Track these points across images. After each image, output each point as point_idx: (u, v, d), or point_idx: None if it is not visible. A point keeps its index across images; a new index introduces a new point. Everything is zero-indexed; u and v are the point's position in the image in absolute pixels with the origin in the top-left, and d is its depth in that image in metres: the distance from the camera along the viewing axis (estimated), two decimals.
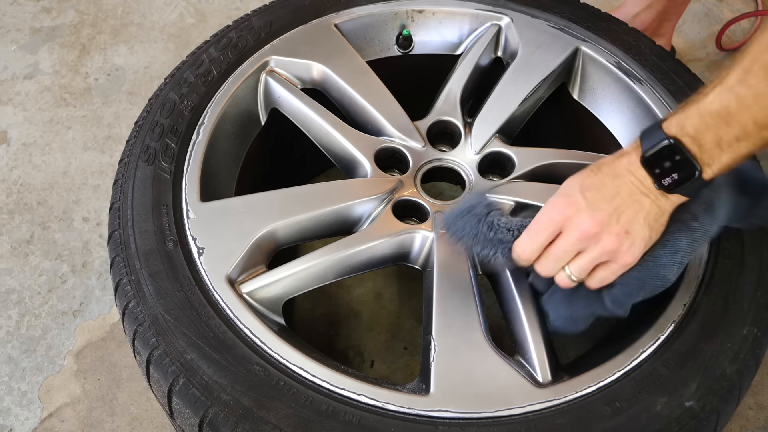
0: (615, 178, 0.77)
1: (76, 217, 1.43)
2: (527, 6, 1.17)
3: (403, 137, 1.06)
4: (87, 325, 1.29)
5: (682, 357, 0.83)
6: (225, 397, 0.78)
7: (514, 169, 1.04)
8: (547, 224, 0.80)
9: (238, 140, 1.10)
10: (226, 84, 1.07)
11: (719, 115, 0.70)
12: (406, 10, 1.17)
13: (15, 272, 1.35)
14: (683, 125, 0.73)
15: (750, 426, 1.17)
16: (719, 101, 0.70)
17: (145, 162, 0.98)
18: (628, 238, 0.76)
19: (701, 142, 0.72)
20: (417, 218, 1.01)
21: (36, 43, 1.73)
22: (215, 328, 0.84)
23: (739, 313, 0.87)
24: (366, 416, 0.78)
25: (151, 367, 0.83)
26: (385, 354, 1.24)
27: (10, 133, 1.56)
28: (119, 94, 1.63)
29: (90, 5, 1.80)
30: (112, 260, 0.91)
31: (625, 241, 0.76)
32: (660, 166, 0.74)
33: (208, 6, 1.80)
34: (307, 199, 0.98)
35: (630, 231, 0.76)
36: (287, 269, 0.92)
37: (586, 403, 0.80)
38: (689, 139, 0.72)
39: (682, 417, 0.79)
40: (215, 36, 1.14)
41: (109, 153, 1.52)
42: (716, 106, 0.70)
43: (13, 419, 1.19)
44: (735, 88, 0.69)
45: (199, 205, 0.95)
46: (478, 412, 0.79)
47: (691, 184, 0.74)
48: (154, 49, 1.71)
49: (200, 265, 0.89)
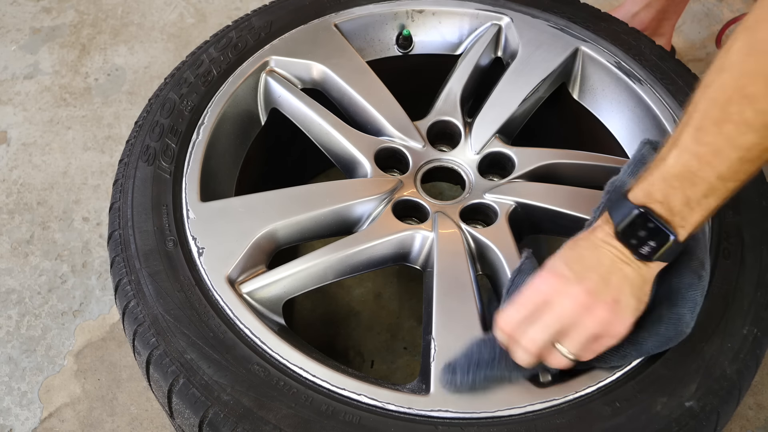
0: (594, 249, 0.76)
1: (76, 217, 1.43)
2: (527, 6, 1.17)
3: (403, 137, 1.06)
4: (87, 325, 1.29)
5: (682, 357, 0.83)
6: (225, 397, 0.78)
7: (514, 169, 1.04)
8: (535, 295, 0.77)
9: (238, 140, 1.10)
10: (226, 84, 1.07)
11: (683, 176, 0.70)
12: (406, 10, 1.17)
13: (15, 272, 1.35)
14: (650, 192, 0.73)
15: (750, 426, 1.17)
16: (680, 163, 0.70)
17: (145, 162, 0.98)
18: (619, 308, 0.74)
19: (670, 206, 0.72)
20: (417, 218, 1.01)
21: (36, 43, 1.73)
22: (215, 328, 0.84)
23: (739, 313, 0.87)
24: (366, 416, 0.78)
25: (151, 367, 0.83)
26: (385, 354, 1.24)
27: (10, 133, 1.56)
28: (119, 94, 1.63)
29: (90, 5, 1.80)
30: (112, 260, 0.91)
31: (617, 311, 0.74)
32: (635, 236, 0.74)
33: (208, 6, 1.80)
34: (307, 199, 0.98)
35: (619, 300, 0.74)
36: (287, 269, 0.92)
37: (586, 403, 0.80)
38: (658, 205, 0.72)
39: (682, 417, 0.79)
40: (215, 36, 1.14)
41: (109, 153, 1.52)
42: (678, 168, 0.71)
43: (13, 419, 1.19)
44: (691, 147, 0.70)
45: (199, 205, 0.95)
46: (478, 412, 0.79)
47: (668, 249, 0.74)
48: (154, 49, 1.71)
49: (200, 265, 0.89)
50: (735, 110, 0.67)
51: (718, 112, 0.68)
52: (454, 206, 1.00)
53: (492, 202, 1.00)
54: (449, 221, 0.97)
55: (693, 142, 0.69)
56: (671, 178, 0.71)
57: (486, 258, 0.97)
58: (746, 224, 0.94)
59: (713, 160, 0.69)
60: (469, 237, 0.97)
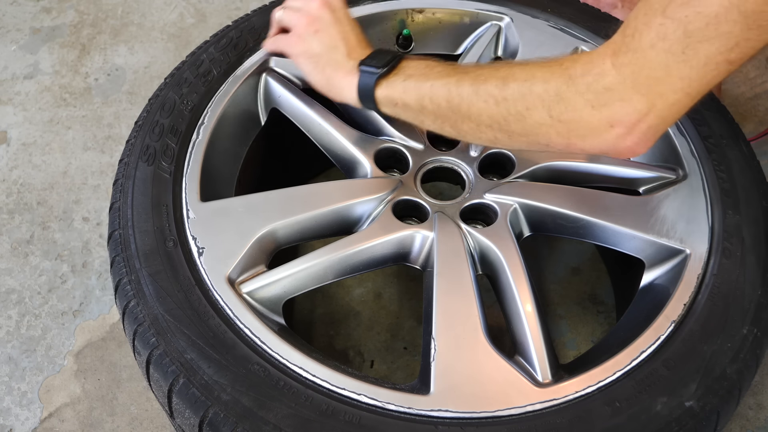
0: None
1: (76, 217, 1.43)
2: (527, 6, 1.18)
3: (403, 137, 1.06)
4: (87, 325, 1.29)
5: (682, 357, 0.83)
6: (225, 397, 0.78)
7: (514, 169, 1.04)
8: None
9: (238, 140, 1.10)
10: (226, 84, 1.07)
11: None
12: (406, 9, 1.17)
13: (15, 272, 1.35)
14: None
15: (750, 426, 1.17)
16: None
17: (145, 162, 0.98)
18: (316, 25, 0.97)
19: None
20: (417, 218, 1.01)
21: (36, 43, 1.73)
22: (215, 327, 0.84)
23: (739, 313, 0.87)
24: (366, 416, 0.78)
25: (151, 367, 0.83)
26: (385, 354, 1.24)
27: (10, 133, 1.56)
28: (119, 94, 1.63)
29: (90, 5, 1.80)
30: (112, 260, 0.91)
31: (313, 24, 0.97)
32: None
33: (208, 6, 1.80)
34: (307, 199, 0.98)
35: (319, 30, 0.96)
36: (287, 269, 0.92)
37: (586, 403, 0.80)
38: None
39: (682, 417, 0.79)
40: (215, 36, 1.14)
41: (109, 153, 1.52)
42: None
43: (13, 419, 1.19)
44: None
45: (199, 205, 0.95)
46: (478, 411, 0.79)
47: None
48: (154, 49, 1.71)
49: (200, 265, 0.89)
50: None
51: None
52: (454, 206, 1.00)
53: (492, 202, 1.00)
54: (449, 221, 0.97)
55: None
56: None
57: (486, 258, 0.97)
58: (746, 224, 0.94)
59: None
60: (469, 237, 0.97)
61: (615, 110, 0.73)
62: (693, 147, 1.02)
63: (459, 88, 0.84)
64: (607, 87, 0.72)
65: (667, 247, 0.94)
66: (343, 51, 0.96)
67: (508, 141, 0.83)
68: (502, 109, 0.80)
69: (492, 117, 0.81)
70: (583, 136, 0.76)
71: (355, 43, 0.97)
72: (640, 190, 1.03)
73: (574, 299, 1.30)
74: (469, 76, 0.84)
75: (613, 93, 0.72)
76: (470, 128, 0.85)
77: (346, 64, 0.95)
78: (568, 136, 0.77)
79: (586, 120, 0.74)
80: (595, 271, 1.34)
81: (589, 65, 0.74)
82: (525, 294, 0.90)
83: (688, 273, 0.90)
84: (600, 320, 1.28)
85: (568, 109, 0.75)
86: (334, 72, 0.96)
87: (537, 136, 0.79)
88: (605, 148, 0.76)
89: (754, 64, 1.61)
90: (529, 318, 0.89)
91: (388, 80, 0.91)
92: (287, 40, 1.02)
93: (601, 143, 0.76)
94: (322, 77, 0.98)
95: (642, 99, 0.71)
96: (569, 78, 0.75)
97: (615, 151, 0.76)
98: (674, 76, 0.70)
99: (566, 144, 0.78)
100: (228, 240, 0.91)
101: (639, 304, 0.97)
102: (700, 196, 0.98)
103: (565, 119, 0.76)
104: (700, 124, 1.04)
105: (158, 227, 0.92)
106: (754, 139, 1.44)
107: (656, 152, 1.06)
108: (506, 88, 0.80)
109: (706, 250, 0.92)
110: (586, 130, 0.75)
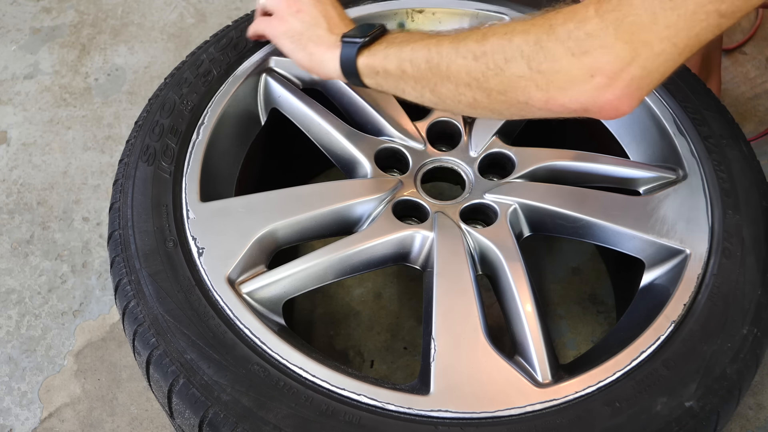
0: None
1: (76, 217, 1.43)
2: (527, 6, 1.17)
3: (403, 137, 1.06)
4: (87, 325, 1.29)
5: (682, 357, 0.83)
6: (225, 397, 0.78)
7: (514, 169, 1.04)
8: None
9: (238, 140, 1.10)
10: (226, 84, 1.07)
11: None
12: (406, 9, 1.17)
13: (15, 272, 1.35)
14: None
15: (750, 426, 1.17)
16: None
17: (145, 162, 0.98)
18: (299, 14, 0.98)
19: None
20: (417, 218, 1.01)
21: (36, 43, 1.73)
22: (215, 328, 0.84)
23: (739, 313, 0.87)
24: (366, 416, 0.78)
25: (151, 367, 0.83)
26: (385, 354, 1.24)
27: (10, 133, 1.56)
28: (119, 94, 1.63)
29: (90, 5, 1.80)
30: (112, 260, 0.91)
31: (294, 4, 0.98)
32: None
33: (208, 6, 1.80)
34: (307, 199, 0.98)
35: (301, 10, 0.98)
36: (287, 269, 0.92)
37: (586, 403, 0.80)
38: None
39: (682, 417, 0.79)
40: (215, 36, 1.14)
41: (109, 153, 1.52)
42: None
43: (13, 419, 1.19)
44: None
45: (199, 205, 0.95)
46: (478, 412, 0.79)
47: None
48: (154, 49, 1.71)
49: (200, 265, 0.89)
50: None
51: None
52: (454, 206, 1.00)
53: (492, 202, 1.00)
54: (449, 221, 0.97)
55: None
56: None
57: (486, 258, 0.97)
58: (746, 224, 0.94)
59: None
60: (469, 237, 0.97)
61: (596, 57, 0.70)
62: (693, 147, 1.02)
63: (439, 47, 0.82)
64: (589, 33, 0.70)
65: (667, 247, 0.94)
66: (324, 26, 0.96)
67: (487, 102, 0.80)
68: (480, 64, 0.78)
69: (470, 74, 0.79)
70: (564, 87, 0.73)
71: (338, 19, 0.97)
72: (640, 190, 1.03)
73: (574, 299, 1.31)
74: (450, 37, 0.83)
75: (595, 39, 0.69)
76: (449, 91, 0.83)
77: (329, 39, 0.95)
78: (548, 88, 0.74)
79: (566, 69, 0.72)
80: (595, 271, 1.34)
81: (571, 13, 0.72)
82: (525, 294, 0.90)
83: (688, 273, 0.90)
84: (600, 320, 1.28)
85: (547, 58, 0.72)
86: (317, 47, 0.96)
87: (516, 91, 0.76)
88: (586, 101, 0.72)
89: (754, 64, 1.61)
90: (529, 318, 0.89)
91: (370, 49, 0.90)
92: (268, 22, 1.03)
93: (581, 95, 0.72)
94: (305, 54, 0.98)
95: (625, 47, 0.69)
96: (550, 27, 0.73)
97: (596, 105, 0.72)
98: (660, 24, 0.67)
99: (546, 99, 0.75)
100: (228, 240, 0.91)
101: (639, 304, 0.97)
102: (700, 196, 0.98)
103: (544, 69, 0.73)
104: (700, 124, 1.04)
105: (158, 227, 0.92)
106: (754, 139, 1.44)
107: (656, 152, 1.06)
108: (486, 43, 0.78)
109: (706, 250, 0.92)
110: (565, 81, 0.72)
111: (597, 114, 0.74)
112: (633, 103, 0.72)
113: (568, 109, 0.75)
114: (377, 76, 0.90)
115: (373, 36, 0.91)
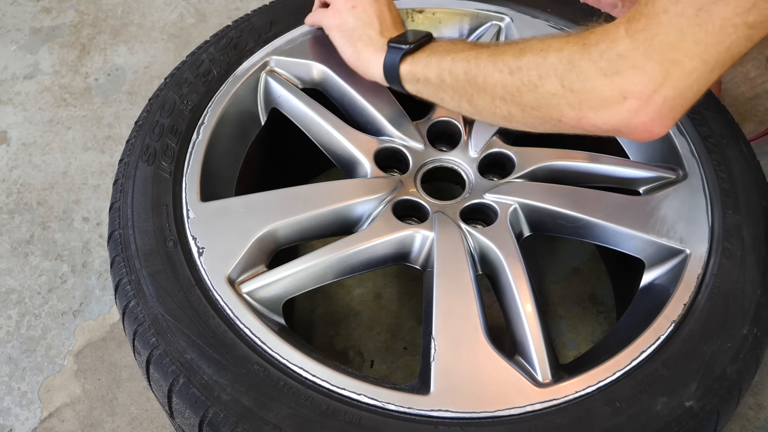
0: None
1: (76, 217, 1.43)
2: (527, 6, 1.17)
3: (403, 137, 1.06)
4: (87, 325, 1.29)
5: (682, 357, 0.83)
6: (225, 396, 0.78)
7: (514, 169, 1.04)
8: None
9: (238, 140, 1.10)
10: (226, 84, 1.07)
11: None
12: (406, 9, 1.17)
13: (15, 272, 1.35)
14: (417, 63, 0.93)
15: (750, 426, 1.17)
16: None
17: (145, 162, 0.98)
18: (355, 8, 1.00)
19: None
20: (417, 218, 1.01)
21: (36, 43, 1.73)
22: (215, 327, 0.84)
23: (739, 313, 0.87)
24: (366, 416, 0.78)
25: (151, 367, 0.83)
26: (385, 354, 1.24)
27: (10, 133, 1.56)
28: (119, 94, 1.63)
29: (90, 5, 1.80)
30: (112, 260, 0.91)
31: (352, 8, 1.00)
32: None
33: (208, 6, 1.80)
34: (307, 199, 0.98)
35: (357, 6, 0.99)
36: (287, 269, 0.92)
37: (586, 403, 0.80)
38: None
39: (682, 417, 0.79)
40: (215, 36, 1.14)
41: (109, 153, 1.52)
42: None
43: (13, 419, 1.19)
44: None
45: (199, 204, 0.95)
46: (478, 411, 0.79)
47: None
48: (154, 49, 1.71)
49: (200, 265, 0.89)
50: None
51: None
52: (454, 206, 1.00)
53: (492, 202, 1.00)
54: (449, 221, 0.97)
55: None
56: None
57: (486, 258, 0.97)
58: (746, 224, 0.94)
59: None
60: (469, 237, 0.97)
61: (628, 79, 0.70)
62: (693, 147, 1.02)
63: (477, 59, 0.84)
64: (621, 54, 0.70)
65: (667, 247, 0.94)
66: (377, 28, 0.98)
67: (521, 116, 0.81)
68: (515, 79, 0.79)
69: (506, 88, 0.80)
70: (596, 108, 0.73)
71: (390, 23, 0.99)
72: (640, 190, 1.03)
73: (574, 299, 1.31)
74: (489, 49, 0.84)
75: (626, 60, 0.69)
76: (486, 103, 0.84)
77: (378, 41, 0.97)
78: (580, 107, 0.74)
79: (598, 89, 0.72)
80: (595, 271, 1.34)
81: (603, 34, 0.72)
82: (525, 294, 0.90)
83: (688, 273, 0.90)
84: (600, 320, 1.28)
85: (580, 78, 0.73)
86: (365, 47, 0.98)
87: (549, 108, 0.77)
88: (618, 123, 0.72)
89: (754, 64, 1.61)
90: (529, 318, 0.89)
91: (414, 56, 0.92)
92: (324, 14, 1.06)
93: (613, 117, 0.72)
94: (353, 51, 1.00)
95: (656, 66, 0.68)
96: (583, 46, 0.73)
97: (629, 127, 0.72)
98: (689, 41, 0.66)
99: (578, 118, 0.75)
100: (228, 240, 0.91)
101: (639, 304, 0.97)
102: (700, 196, 0.98)
103: (577, 88, 0.73)
104: (700, 124, 1.04)
105: (158, 227, 0.92)
106: (754, 139, 1.44)
107: (656, 152, 1.06)
108: (522, 58, 0.79)
109: (706, 250, 0.92)
110: (598, 101, 0.72)
111: (630, 135, 0.74)
112: (667, 124, 0.72)
113: (601, 129, 0.75)
114: (418, 83, 0.92)
115: (418, 43, 0.93)
